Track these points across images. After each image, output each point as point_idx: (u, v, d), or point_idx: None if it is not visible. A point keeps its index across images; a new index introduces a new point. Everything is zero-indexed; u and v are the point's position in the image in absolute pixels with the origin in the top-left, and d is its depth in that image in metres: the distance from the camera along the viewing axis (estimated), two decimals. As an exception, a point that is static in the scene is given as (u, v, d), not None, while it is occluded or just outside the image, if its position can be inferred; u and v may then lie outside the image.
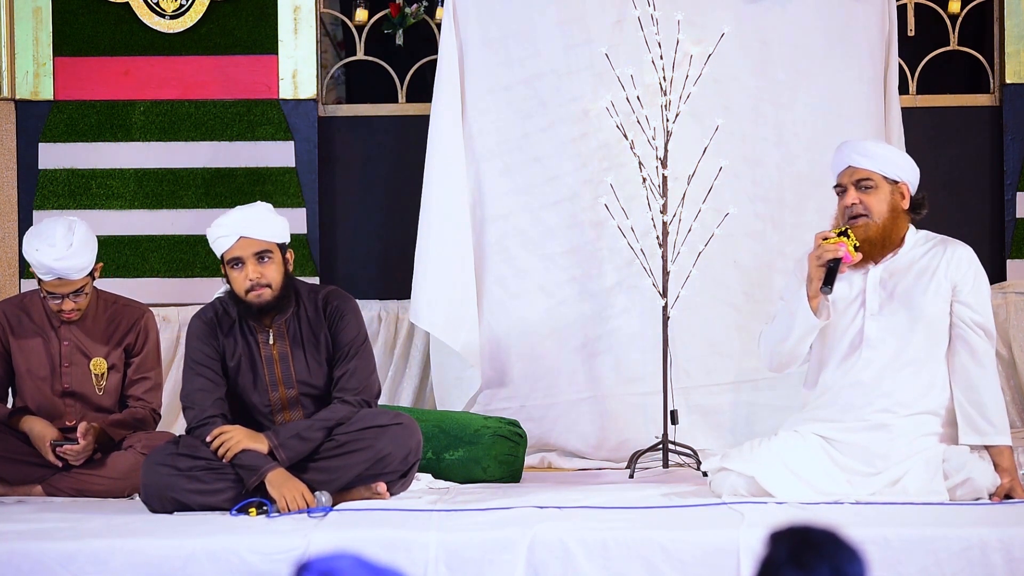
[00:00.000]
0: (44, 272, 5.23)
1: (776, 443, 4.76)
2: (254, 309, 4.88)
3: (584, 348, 6.14)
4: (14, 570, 4.11)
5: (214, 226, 4.95)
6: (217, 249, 4.95)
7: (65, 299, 5.27)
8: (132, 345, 5.43)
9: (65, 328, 5.37)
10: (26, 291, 5.59)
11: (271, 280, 4.87)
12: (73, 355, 5.37)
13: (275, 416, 4.93)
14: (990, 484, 4.65)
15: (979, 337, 4.77)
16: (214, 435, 4.76)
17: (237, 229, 4.88)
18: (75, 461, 5.21)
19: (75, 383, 5.36)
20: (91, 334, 5.39)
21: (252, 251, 4.87)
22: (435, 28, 6.90)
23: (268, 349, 4.93)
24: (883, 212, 4.79)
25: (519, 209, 6.19)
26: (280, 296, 4.89)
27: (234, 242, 4.88)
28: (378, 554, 4.16)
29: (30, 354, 5.37)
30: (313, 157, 6.81)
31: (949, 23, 6.94)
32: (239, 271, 4.88)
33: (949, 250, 4.82)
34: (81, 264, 5.24)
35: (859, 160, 4.82)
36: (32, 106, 6.80)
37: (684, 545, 4.11)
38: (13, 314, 5.40)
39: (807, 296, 4.73)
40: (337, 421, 4.84)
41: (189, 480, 4.74)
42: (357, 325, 4.98)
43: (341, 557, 2.24)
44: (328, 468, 4.78)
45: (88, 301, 5.34)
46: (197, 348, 4.94)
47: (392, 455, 4.81)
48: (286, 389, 4.93)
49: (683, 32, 5.86)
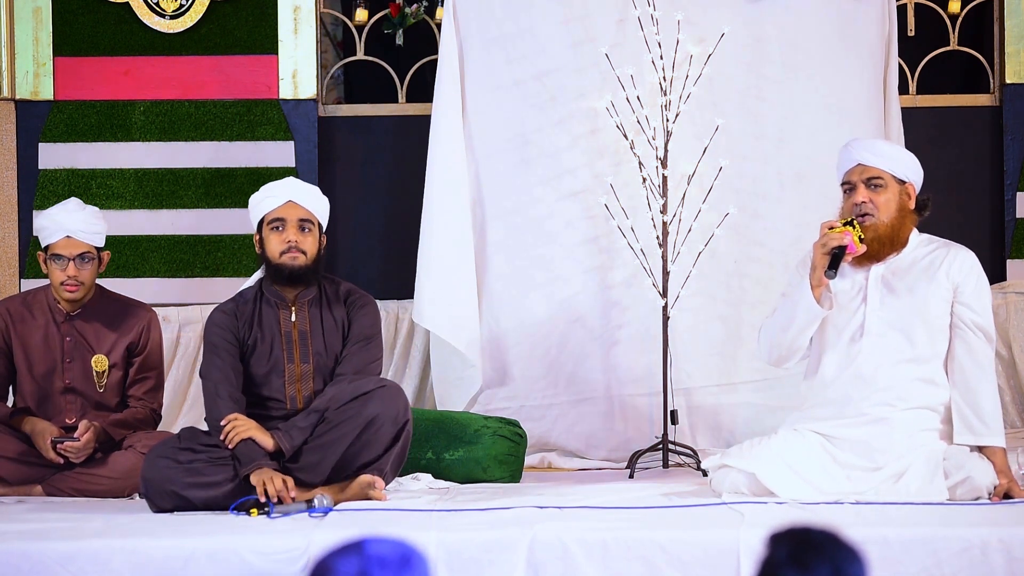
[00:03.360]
0: (54, 231, 5.33)
1: (776, 441, 4.77)
2: (285, 272, 4.98)
3: (599, 339, 6.15)
4: (14, 570, 4.11)
5: (262, 190, 5.08)
6: (260, 211, 5.04)
7: (70, 263, 5.31)
8: (135, 344, 5.44)
9: (68, 324, 5.38)
10: (30, 288, 5.60)
11: (307, 249, 4.99)
12: (75, 351, 5.38)
13: (286, 388, 4.98)
14: (990, 483, 4.66)
15: (979, 339, 4.78)
16: (228, 419, 4.82)
17: (287, 193, 5.02)
18: (75, 458, 5.21)
19: (76, 379, 5.37)
20: (94, 331, 5.40)
21: (296, 216, 5.00)
22: (435, 28, 6.90)
23: (289, 324, 5.02)
24: (891, 212, 4.80)
25: (533, 202, 6.19)
26: (311, 268, 5.00)
27: (281, 203, 4.99)
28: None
29: (32, 349, 5.38)
30: (313, 157, 6.82)
31: (949, 23, 6.95)
32: (278, 233, 4.99)
33: (952, 253, 4.83)
34: (90, 227, 5.36)
35: (870, 158, 4.82)
36: (32, 106, 6.80)
37: (684, 545, 4.10)
38: (16, 310, 5.42)
39: (811, 285, 4.74)
40: (327, 403, 4.90)
41: (189, 473, 4.77)
42: (373, 321, 5.09)
43: (355, 555, 2.24)
44: (321, 445, 4.84)
45: (91, 277, 5.38)
46: (217, 333, 5.01)
47: (381, 416, 4.86)
48: (302, 364, 5.00)
49: (683, 32, 5.86)
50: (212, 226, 6.77)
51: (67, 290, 5.35)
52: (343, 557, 2.23)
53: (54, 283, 5.38)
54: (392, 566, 2.22)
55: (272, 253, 4.99)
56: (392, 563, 2.22)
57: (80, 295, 5.38)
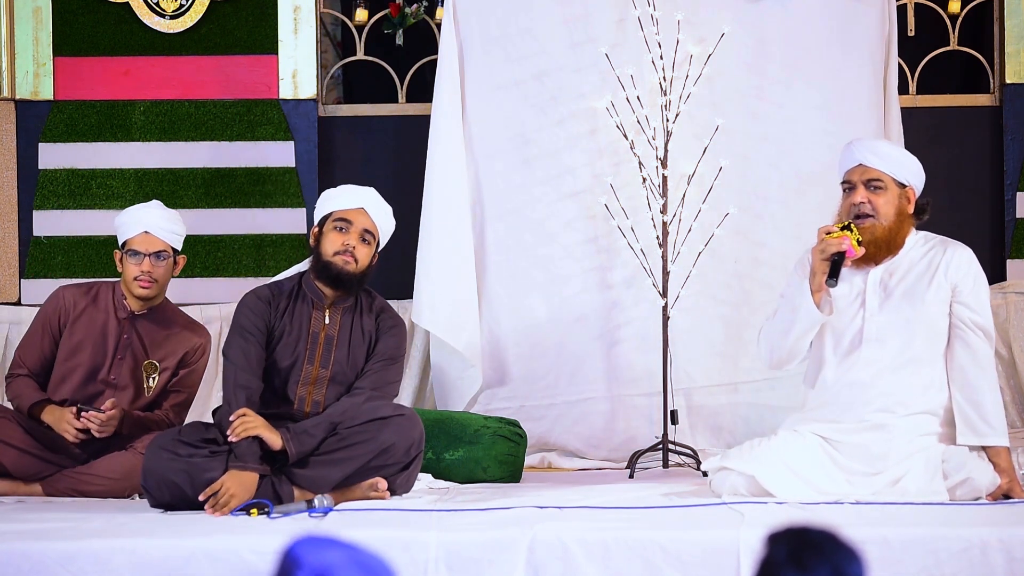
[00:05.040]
0: (133, 225, 5.37)
1: (776, 442, 4.75)
2: (333, 272, 4.98)
3: (600, 339, 6.15)
4: (14, 570, 4.11)
5: (339, 189, 5.12)
6: (330, 206, 5.07)
7: (147, 259, 5.33)
8: (185, 362, 5.45)
9: (129, 322, 5.38)
10: (96, 280, 5.60)
11: (361, 259, 5.00)
12: (130, 349, 5.38)
13: (298, 388, 4.98)
14: (990, 484, 4.65)
15: (978, 338, 4.76)
16: (238, 413, 4.80)
17: (364, 200, 5.06)
18: (97, 431, 5.19)
19: (121, 377, 5.37)
20: (152, 336, 5.41)
21: (363, 225, 5.03)
22: (435, 28, 6.90)
23: (319, 326, 5.02)
24: (890, 215, 4.78)
25: (533, 202, 6.19)
26: (358, 277, 5.01)
27: (354, 207, 5.03)
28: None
29: (85, 339, 5.37)
30: (313, 157, 6.82)
31: (949, 23, 6.94)
32: (340, 234, 5.00)
33: (949, 251, 4.81)
34: (169, 226, 5.40)
35: (871, 159, 4.80)
36: (32, 106, 6.80)
37: (684, 545, 4.10)
38: (79, 298, 5.44)
39: (810, 290, 4.72)
40: (341, 415, 4.88)
41: (188, 466, 4.75)
42: (400, 343, 5.09)
43: (330, 549, 2.23)
44: (332, 461, 4.82)
45: (164, 276, 5.40)
46: (247, 315, 5.00)
47: (395, 446, 4.84)
48: (321, 368, 4.99)
49: (683, 32, 5.86)
50: (212, 226, 6.77)
51: (140, 285, 5.35)
52: (314, 549, 2.23)
53: (127, 278, 5.38)
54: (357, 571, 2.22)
55: (327, 250, 4.99)
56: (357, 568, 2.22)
57: (152, 293, 5.38)
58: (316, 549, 2.24)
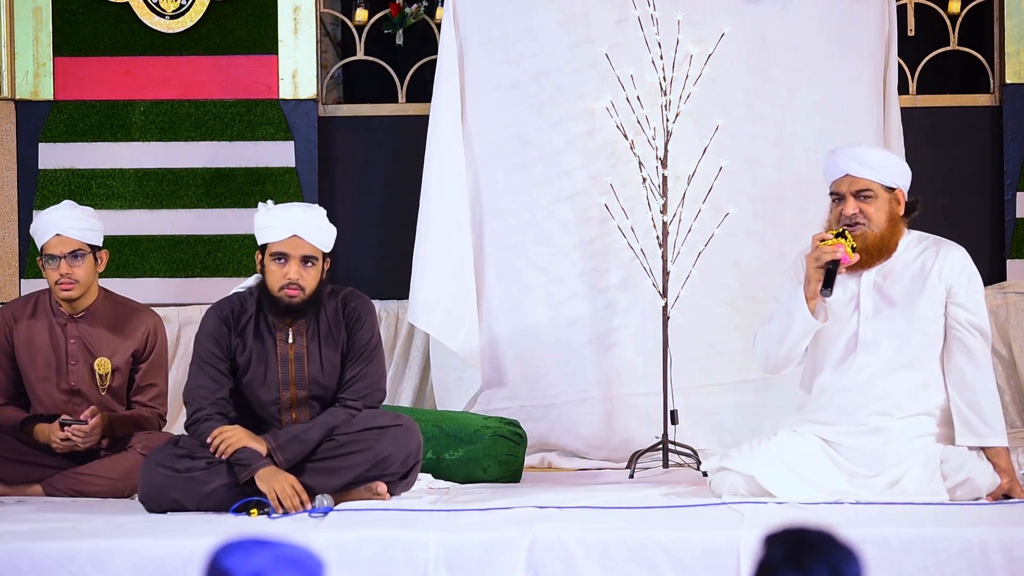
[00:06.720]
0: (45, 231, 5.30)
1: (776, 443, 4.75)
2: (281, 307, 4.84)
3: (595, 342, 6.14)
4: (14, 570, 4.11)
5: (267, 214, 4.88)
6: (263, 237, 4.87)
7: (62, 261, 5.27)
8: (140, 351, 5.42)
9: (72, 325, 5.37)
10: (36, 291, 5.59)
11: (308, 285, 4.83)
12: (79, 353, 5.36)
13: (281, 415, 4.91)
14: (989, 484, 4.65)
15: (975, 338, 4.76)
16: (214, 435, 4.73)
17: (293, 227, 4.82)
18: (82, 443, 5.18)
19: (80, 381, 5.36)
20: (98, 334, 5.39)
21: (300, 253, 4.82)
22: (435, 28, 6.90)
23: (285, 348, 4.90)
24: (882, 222, 4.76)
25: (530, 203, 6.18)
26: (309, 301, 4.85)
27: (286, 237, 4.81)
28: (377, 554, 4.17)
29: (36, 351, 5.36)
30: (313, 157, 6.82)
31: (949, 23, 6.94)
32: (280, 266, 4.81)
33: (942, 252, 4.79)
34: (79, 224, 5.31)
35: (858, 169, 4.76)
36: (32, 106, 6.80)
37: (684, 545, 4.11)
38: (21, 311, 5.41)
39: (805, 297, 4.72)
40: (335, 425, 4.84)
41: (187, 481, 4.72)
42: (372, 329, 4.96)
43: (256, 551, 2.22)
44: (328, 469, 4.78)
45: (86, 275, 5.32)
46: (206, 346, 4.88)
47: (392, 456, 4.81)
48: (297, 389, 4.90)
49: (683, 32, 5.86)
50: (212, 226, 6.77)
51: (62, 289, 5.31)
52: (239, 555, 2.22)
53: (50, 284, 5.35)
54: (289, 568, 2.21)
55: (271, 284, 4.83)
56: (290, 565, 2.22)
57: (76, 294, 5.34)
58: (242, 554, 2.22)
